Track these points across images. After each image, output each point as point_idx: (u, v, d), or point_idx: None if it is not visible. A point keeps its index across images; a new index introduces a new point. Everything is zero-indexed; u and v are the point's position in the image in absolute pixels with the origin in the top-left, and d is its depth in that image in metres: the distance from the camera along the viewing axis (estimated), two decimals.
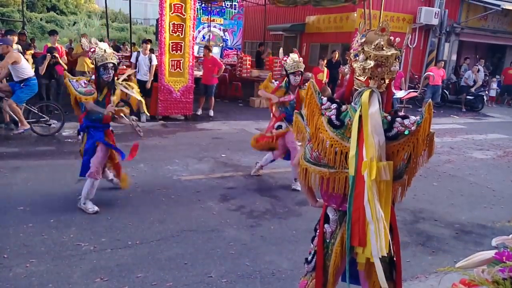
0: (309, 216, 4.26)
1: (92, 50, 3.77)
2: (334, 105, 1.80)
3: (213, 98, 9.57)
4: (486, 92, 13.78)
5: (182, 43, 8.29)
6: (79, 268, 3.01)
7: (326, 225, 1.92)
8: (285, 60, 4.74)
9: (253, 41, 19.13)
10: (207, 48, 9.75)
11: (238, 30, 20.32)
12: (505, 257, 1.01)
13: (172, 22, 8.13)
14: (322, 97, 1.84)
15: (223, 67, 9.89)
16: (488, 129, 10.28)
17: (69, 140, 6.72)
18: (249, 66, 12.03)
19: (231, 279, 3.00)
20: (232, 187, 4.95)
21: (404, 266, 3.35)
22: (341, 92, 1.93)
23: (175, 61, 8.34)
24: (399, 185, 1.77)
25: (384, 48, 1.72)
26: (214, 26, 19.54)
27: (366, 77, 1.74)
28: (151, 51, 8.55)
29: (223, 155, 6.29)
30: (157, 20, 13.89)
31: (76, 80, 3.90)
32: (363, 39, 1.75)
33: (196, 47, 12.94)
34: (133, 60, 8.65)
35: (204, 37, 19.16)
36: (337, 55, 11.53)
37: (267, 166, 5.89)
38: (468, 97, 13.15)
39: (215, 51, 19.28)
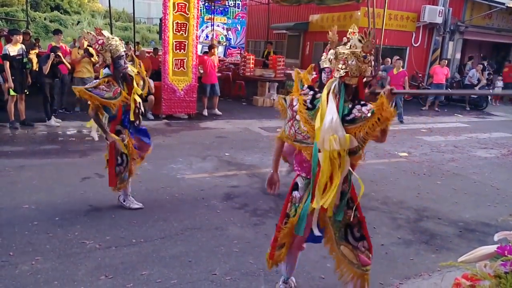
0: None
1: (100, 42, 3.38)
2: (311, 92, 2.24)
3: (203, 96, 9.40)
4: (490, 90, 13.70)
5: (185, 42, 8.30)
6: (84, 265, 3.03)
7: (295, 192, 2.41)
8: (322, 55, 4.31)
9: (256, 40, 19.13)
10: (212, 48, 9.74)
11: (241, 29, 20.31)
12: (507, 251, 1.01)
13: (176, 21, 8.14)
14: (304, 84, 2.30)
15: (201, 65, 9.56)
16: (492, 127, 10.24)
17: (74, 139, 6.75)
18: (253, 65, 12.03)
19: (235, 277, 3.01)
20: (235, 185, 4.96)
21: (407, 264, 3.38)
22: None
23: (179, 60, 8.35)
24: (357, 159, 2.18)
25: (351, 47, 2.10)
26: (217, 25, 19.54)
27: (333, 69, 2.21)
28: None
29: (226, 154, 6.31)
30: (160, 19, 13.91)
31: (95, 87, 3.48)
32: (344, 42, 2.17)
33: (199, 46, 12.95)
34: None
35: (207, 36, 19.18)
36: None
37: (270, 164, 5.89)
38: (472, 95, 13.09)
39: (219, 50, 19.36)
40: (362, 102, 2.10)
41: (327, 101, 2.07)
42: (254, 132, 8.06)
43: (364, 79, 2.13)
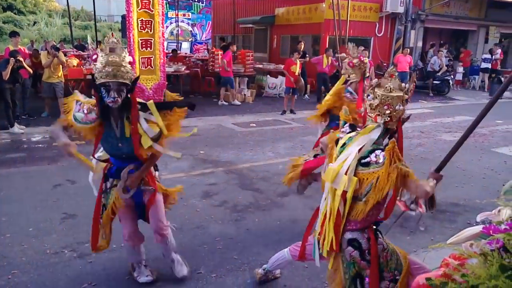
0: (292, 206, 4.34)
1: (94, 57, 2.57)
2: (348, 130, 2.12)
3: (222, 88, 10.71)
4: (452, 76, 14.30)
5: (151, 39, 8.13)
6: (64, 275, 2.95)
7: None
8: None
9: (223, 35, 19.01)
10: (231, 44, 10.90)
11: (206, 24, 20.10)
12: (492, 230, 1.09)
13: (140, 19, 7.94)
14: (345, 121, 2.16)
15: (225, 60, 10.26)
16: (455, 112, 10.70)
17: (40, 145, 6.50)
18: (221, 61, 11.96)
19: (221, 273, 3.03)
20: (213, 183, 4.95)
21: None
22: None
23: (146, 59, 8.16)
24: (361, 206, 1.98)
25: (392, 91, 1.97)
26: (182, 21, 19.23)
27: (375, 114, 2.01)
28: None
29: (201, 152, 6.27)
30: (122, 17, 13.52)
31: (82, 104, 2.52)
32: (377, 83, 2.04)
33: (165, 43, 12.70)
34: None
35: (172, 33, 18.84)
36: (302, 46, 11.65)
37: (247, 160, 5.93)
38: (434, 82, 13.60)
39: (185, 46, 19.07)
40: (383, 144, 2.00)
41: (359, 138, 2.00)
42: (227, 128, 8.04)
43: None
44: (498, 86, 12.99)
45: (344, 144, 2.06)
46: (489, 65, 14.59)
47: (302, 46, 11.63)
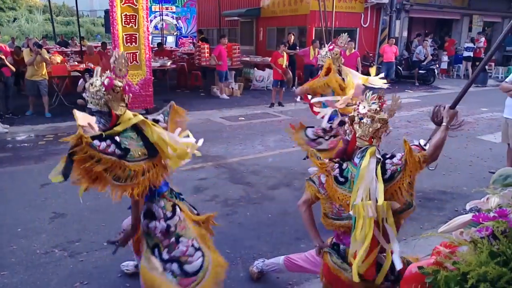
0: (282, 199, 4.36)
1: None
2: (336, 165, 2.04)
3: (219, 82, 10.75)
4: (437, 65, 14.44)
5: (136, 34, 8.03)
6: (55, 275, 2.92)
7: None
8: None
9: (208, 28, 18.85)
10: (223, 37, 11.07)
11: (191, 18, 19.89)
12: (481, 218, 1.11)
13: (124, 13, 7.83)
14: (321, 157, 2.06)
15: (214, 55, 10.54)
16: (441, 100, 10.63)
17: (26, 144, 6.38)
18: (207, 54, 11.87)
19: None
20: (203, 178, 4.94)
21: None
22: (342, 150, 2.13)
23: (131, 54, 8.06)
24: (410, 213, 1.98)
25: (379, 112, 1.99)
26: (166, 15, 19.00)
27: (369, 137, 1.99)
28: None
29: None
30: (105, 12, 13.28)
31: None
32: (375, 106, 1.99)
33: (150, 38, 12.52)
34: None
35: (156, 27, 18.60)
36: (292, 38, 11.64)
37: (237, 154, 5.92)
38: (420, 71, 13.72)
39: (170, 40, 18.85)
40: (386, 156, 1.99)
41: (365, 169, 1.91)
42: (216, 123, 8.01)
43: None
44: (482, 74, 13.19)
45: (343, 174, 2.00)
46: (471, 54, 14.77)
47: (292, 39, 11.61)
